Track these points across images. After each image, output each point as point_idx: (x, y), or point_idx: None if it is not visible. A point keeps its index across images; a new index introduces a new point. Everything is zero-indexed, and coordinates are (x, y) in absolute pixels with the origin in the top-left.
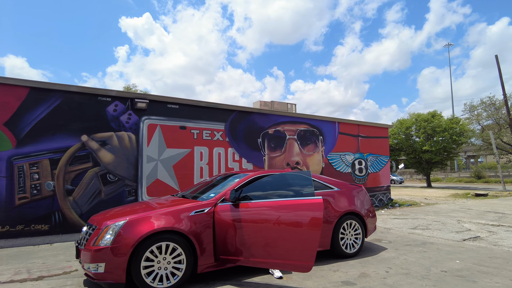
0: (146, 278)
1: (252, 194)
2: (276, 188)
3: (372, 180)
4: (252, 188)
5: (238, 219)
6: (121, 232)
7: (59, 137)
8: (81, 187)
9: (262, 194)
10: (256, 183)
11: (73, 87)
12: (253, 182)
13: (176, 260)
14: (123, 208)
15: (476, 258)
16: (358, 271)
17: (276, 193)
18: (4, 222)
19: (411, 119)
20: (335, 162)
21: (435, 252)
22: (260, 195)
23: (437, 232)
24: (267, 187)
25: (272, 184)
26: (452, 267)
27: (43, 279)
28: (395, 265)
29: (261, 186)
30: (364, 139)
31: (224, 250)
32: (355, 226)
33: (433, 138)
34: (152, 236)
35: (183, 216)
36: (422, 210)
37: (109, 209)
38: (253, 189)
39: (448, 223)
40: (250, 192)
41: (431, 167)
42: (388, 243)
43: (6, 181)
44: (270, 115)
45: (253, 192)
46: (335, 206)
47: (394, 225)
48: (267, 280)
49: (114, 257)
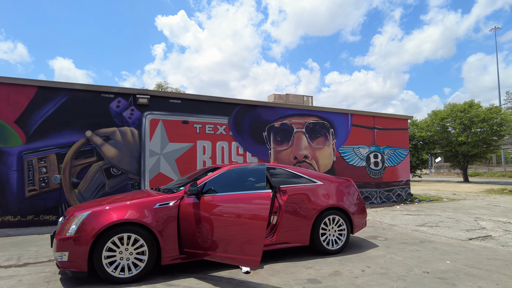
0: (108, 267)
1: (216, 188)
2: (238, 182)
3: (389, 174)
4: (217, 182)
5: (197, 213)
6: (84, 223)
7: (65, 133)
8: (86, 180)
9: (224, 188)
10: (222, 177)
11: (78, 85)
12: (221, 176)
13: (138, 251)
14: (100, 200)
15: (472, 259)
16: (332, 269)
17: (235, 187)
18: (16, 213)
19: (446, 110)
20: (347, 155)
21: (429, 252)
22: (222, 189)
23: (444, 230)
24: (231, 181)
25: (236, 178)
26: (439, 268)
27: (26, 266)
28: (377, 264)
29: (225, 180)
30: (381, 131)
31: (187, 243)
32: (339, 222)
33: (470, 129)
34: (114, 227)
35: (147, 208)
36: (442, 206)
37: (91, 200)
38: (218, 183)
39: (462, 221)
40: (215, 186)
41: (468, 161)
42: (383, 241)
43: (17, 175)
44: (276, 108)
45: (217, 186)
46: (315, 200)
47: (402, 221)
48: (233, 275)
49: (77, 246)
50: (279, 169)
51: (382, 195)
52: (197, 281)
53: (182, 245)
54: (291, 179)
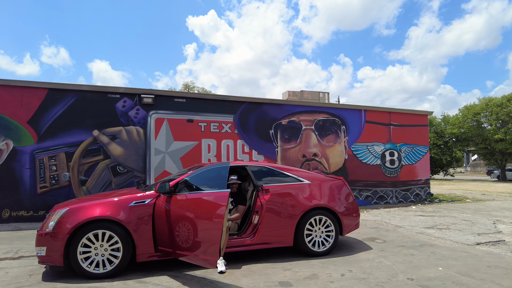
0: (83, 263)
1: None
2: (209, 181)
3: (406, 173)
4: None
5: (168, 212)
6: (61, 219)
7: (73, 132)
8: (94, 177)
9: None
10: (197, 176)
11: (85, 86)
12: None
13: (113, 248)
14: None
15: (469, 266)
16: (311, 272)
17: (206, 186)
18: (29, 208)
19: (481, 104)
20: (360, 153)
21: (425, 256)
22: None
23: (453, 233)
24: (204, 180)
25: (207, 177)
26: (426, 275)
27: (19, 259)
28: (360, 268)
29: (199, 179)
30: (397, 127)
31: (161, 241)
32: (326, 223)
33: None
34: (89, 224)
35: (122, 206)
36: (462, 207)
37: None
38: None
39: (478, 223)
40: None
41: (507, 159)
42: (381, 243)
43: (30, 172)
44: (283, 105)
45: (191, 184)
46: (300, 199)
47: (410, 223)
48: (208, 274)
49: (53, 241)
50: (264, 168)
51: (398, 194)
52: (168, 279)
53: (157, 243)
54: (276, 178)
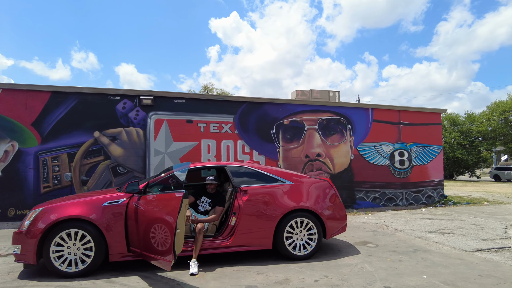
0: (55, 261)
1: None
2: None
3: (418, 174)
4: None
5: (137, 212)
6: (36, 219)
7: (75, 134)
8: (94, 178)
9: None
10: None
11: (86, 88)
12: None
13: (86, 247)
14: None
15: (458, 275)
16: (284, 277)
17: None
18: (33, 207)
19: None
20: (368, 153)
21: (413, 263)
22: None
23: (454, 238)
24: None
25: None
26: (406, 283)
27: (6, 256)
28: (338, 274)
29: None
30: (408, 126)
31: (132, 241)
32: (308, 225)
33: None
34: (62, 223)
35: (95, 206)
36: (476, 210)
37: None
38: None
39: (487, 228)
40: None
41: None
42: (372, 247)
43: (34, 173)
44: (285, 105)
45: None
46: (280, 201)
47: (413, 226)
48: (179, 276)
49: (27, 240)
50: (245, 169)
51: (409, 196)
52: (138, 279)
53: (129, 243)
54: (257, 179)
